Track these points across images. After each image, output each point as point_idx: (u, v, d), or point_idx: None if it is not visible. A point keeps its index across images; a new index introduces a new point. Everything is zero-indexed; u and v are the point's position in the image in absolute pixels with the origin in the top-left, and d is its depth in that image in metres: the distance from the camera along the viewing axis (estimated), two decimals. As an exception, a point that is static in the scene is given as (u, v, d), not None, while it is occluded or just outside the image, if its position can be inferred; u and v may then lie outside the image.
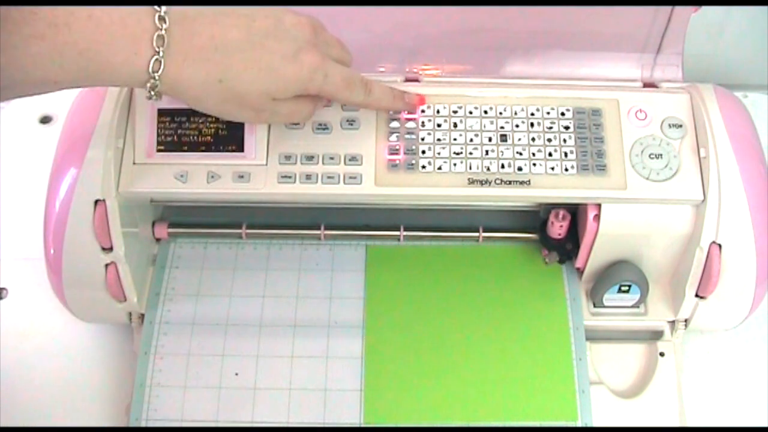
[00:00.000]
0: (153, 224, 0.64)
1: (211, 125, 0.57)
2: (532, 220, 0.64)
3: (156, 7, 0.48)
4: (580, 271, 0.64)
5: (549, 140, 0.58)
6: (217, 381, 0.60)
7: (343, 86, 0.53)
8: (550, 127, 0.58)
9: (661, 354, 0.62)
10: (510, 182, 0.57)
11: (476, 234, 0.64)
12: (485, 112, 0.59)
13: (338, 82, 0.53)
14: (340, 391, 0.59)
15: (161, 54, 0.47)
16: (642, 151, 0.57)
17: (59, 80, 0.46)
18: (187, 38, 0.48)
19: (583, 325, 0.62)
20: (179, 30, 0.48)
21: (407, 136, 0.58)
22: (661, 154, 0.57)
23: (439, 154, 0.58)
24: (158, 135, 0.57)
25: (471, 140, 0.58)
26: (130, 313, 0.63)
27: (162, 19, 0.47)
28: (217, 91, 0.50)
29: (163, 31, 0.47)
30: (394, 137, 0.58)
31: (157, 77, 0.48)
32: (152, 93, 0.49)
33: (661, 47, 0.63)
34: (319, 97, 0.54)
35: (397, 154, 0.58)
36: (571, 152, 0.57)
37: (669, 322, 0.63)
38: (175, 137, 0.57)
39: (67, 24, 0.44)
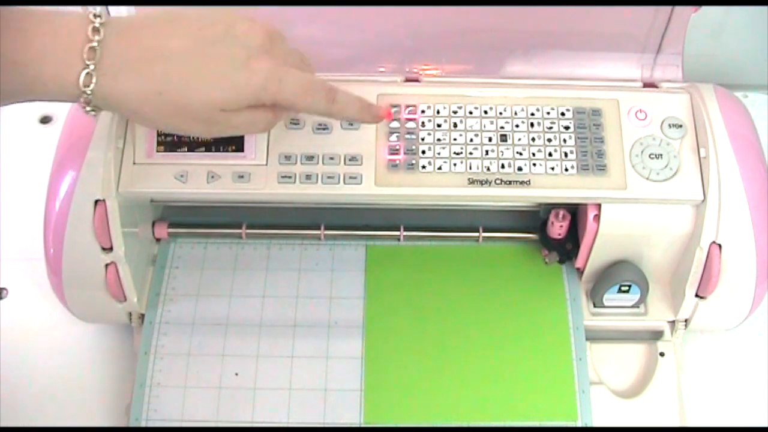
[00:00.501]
0: (153, 224, 0.64)
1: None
2: (532, 220, 0.64)
3: (92, 16, 0.45)
4: (580, 271, 0.64)
5: (549, 140, 0.58)
6: (217, 381, 0.60)
7: (301, 93, 0.49)
8: (550, 127, 0.58)
9: (661, 354, 0.62)
10: (510, 182, 0.57)
11: (476, 234, 0.64)
12: (485, 112, 0.59)
13: (295, 89, 0.49)
14: (340, 391, 0.59)
15: (92, 67, 0.45)
16: (642, 151, 0.57)
17: None
18: (123, 49, 0.46)
19: (583, 325, 0.62)
20: (115, 41, 0.45)
21: (407, 136, 0.58)
22: (661, 154, 0.57)
23: (439, 154, 0.58)
24: (158, 135, 0.57)
25: (471, 140, 0.58)
26: (130, 313, 0.63)
27: (96, 30, 0.45)
28: (158, 104, 0.47)
29: (96, 43, 0.45)
30: (394, 137, 0.58)
31: (88, 92, 0.45)
32: (87, 108, 0.46)
33: (661, 47, 0.63)
34: (281, 107, 0.50)
35: (397, 154, 0.58)
36: (571, 152, 0.57)
37: (669, 322, 0.63)
38: (175, 137, 0.57)
39: None
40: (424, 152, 0.58)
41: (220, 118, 0.48)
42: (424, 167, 0.57)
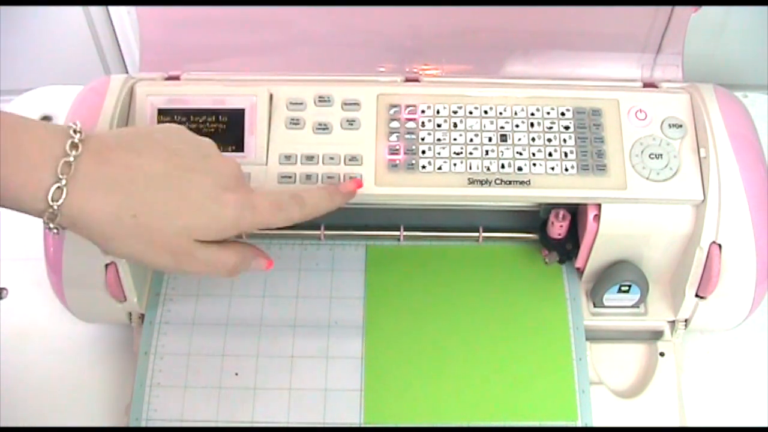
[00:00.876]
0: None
1: (211, 125, 0.57)
2: (532, 220, 0.64)
3: (72, 131, 0.44)
4: (580, 271, 0.64)
5: (549, 140, 0.58)
6: (217, 381, 0.60)
7: (276, 211, 0.50)
8: (550, 127, 0.58)
9: (661, 354, 0.62)
10: (510, 182, 0.57)
11: (476, 234, 0.64)
12: (485, 112, 0.59)
13: (268, 211, 0.49)
14: (340, 391, 0.59)
15: (64, 182, 0.43)
16: (642, 151, 0.57)
17: None
18: (99, 167, 0.44)
19: (583, 325, 0.62)
20: (91, 158, 0.44)
21: (407, 136, 0.58)
22: (661, 154, 0.57)
23: (439, 154, 0.58)
24: (158, 135, 0.57)
25: (471, 140, 0.58)
26: (130, 313, 0.63)
27: (75, 146, 0.44)
28: (129, 228, 0.45)
29: (72, 158, 0.43)
30: (394, 137, 0.58)
31: (56, 207, 0.43)
32: (50, 226, 0.44)
33: (661, 47, 0.63)
34: (246, 248, 0.51)
35: (397, 154, 0.58)
36: (571, 152, 0.57)
37: (669, 322, 0.63)
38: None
39: None
40: (424, 152, 0.58)
41: (191, 250, 0.47)
42: (424, 167, 0.57)
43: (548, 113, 0.59)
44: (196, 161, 0.48)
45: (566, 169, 0.57)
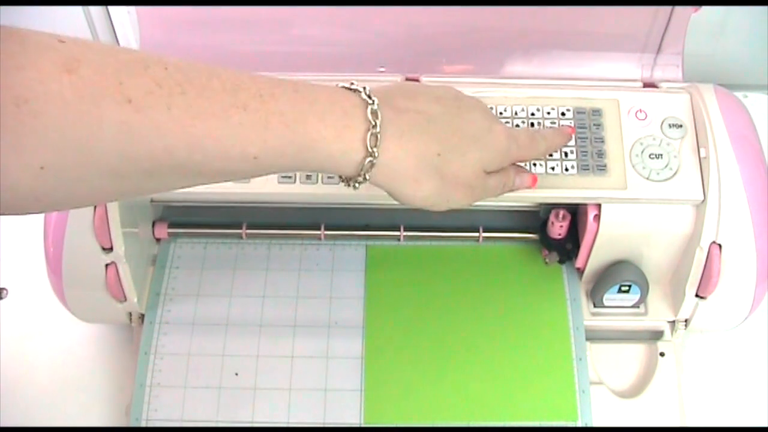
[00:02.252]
0: (153, 224, 0.64)
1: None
2: (532, 220, 0.64)
3: (355, 85, 0.45)
4: (580, 271, 0.64)
5: (549, 140, 0.58)
6: (217, 381, 0.60)
7: (530, 144, 0.52)
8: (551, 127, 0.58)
9: (662, 354, 0.62)
10: (510, 182, 0.57)
11: (476, 234, 0.64)
12: (485, 112, 0.59)
13: (525, 141, 0.52)
14: (340, 391, 0.59)
15: (378, 128, 0.43)
16: (642, 151, 0.57)
17: (260, 155, 0.41)
18: (397, 114, 0.45)
19: (583, 325, 0.62)
20: (386, 107, 0.45)
21: (407, 136, 0.58)
22: (661, 154, 0.57)
23: (439, 154, 0.57)
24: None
25: (471, 140, 0.58)
26: (131, 313, 0.63)
27: (369, 96, 0.45)
28: (435, 168, 0.46)
29: (376, 106, 0.44)
30: (394, 137, 0.58)
31: (376, 153, 0.43)
32: (362, 178, 0.44)
33: (661, 47, 0.63)
34: (511, 168, 0.53)
35: (397, 154, 0.57)
36: (572, 152, 0.57)
37: (669, 322, 0.63)
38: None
39: (273, 95, 0.41)
40: (424, 152, 0.57)
41: (481, 182, 0.49)
42: (424, 167, 0.57)
43: (548, 113, 0.59)
44: (457, 100, 0.49)
45: (566, 169, 0.57)
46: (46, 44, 0.35)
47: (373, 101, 0.44)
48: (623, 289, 0.61)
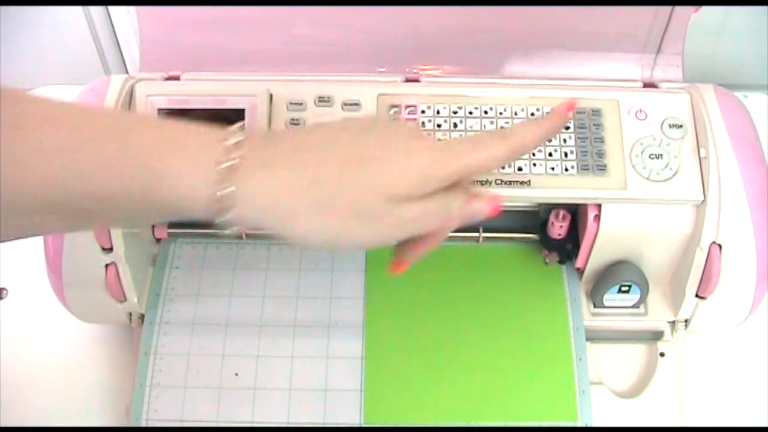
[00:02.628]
0: (153, 224, 0.64)
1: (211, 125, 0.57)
2: (532, 220, 0.64)
3: (232, 128, 0.42)
4: (580, 272, 0.64)
5: (549, 140, 0.58)
6: (217, 381, 0.60)
7: (469, 148, 0.43)
8: (550, 127, 0.58)
9: (662, 354, 0.62)
10: (510, 182, 0.57)
11: (476, 234, 0.64)
12: (485, 112, 0.59)
13: (465, 149, 0.43)
14: (340, 391, 0.59)
15: (236, 161, 0.39)
16: (642, 151, 0.57)
17: (114, 194, 0.38)
18: (268, 144, 0.42)
19: (583, 326, 0.62)
20: (258, 138, 0.42)
21: (407, 136, 0.58)
22: (661, 154, 0.57)
23: (439, 154, 0.57)
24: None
25: (471, 140, 0.58)
26: (130, 314, 0.63)
27: (241, 128, 0.42)
28: (318, 200, 0.40)
29: (241, 137, 0.41)
30: (394, 137, 0.58)
31: (230, 186, 0.39)
32: (225, 214, 0.40)
33: (661, 47, 0.63)
34: (452, 195, 0.44)
35: (397, 154, 0.57)
36: (571, 152, 0.57)
37: (669, 322, 0.63)
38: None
39: (131, 128, 0.40)
40: (424, 152, 0.57)
41: (389, 210, 0.41)
42: (424, 167, 0.57)
43: (548, 113, 0.59)
44: (370, 124, 0.44)
45: (566, 169, 0.57)
46: None
47: (233, 138, 0.41)
48: (623, 289, 0.61)
